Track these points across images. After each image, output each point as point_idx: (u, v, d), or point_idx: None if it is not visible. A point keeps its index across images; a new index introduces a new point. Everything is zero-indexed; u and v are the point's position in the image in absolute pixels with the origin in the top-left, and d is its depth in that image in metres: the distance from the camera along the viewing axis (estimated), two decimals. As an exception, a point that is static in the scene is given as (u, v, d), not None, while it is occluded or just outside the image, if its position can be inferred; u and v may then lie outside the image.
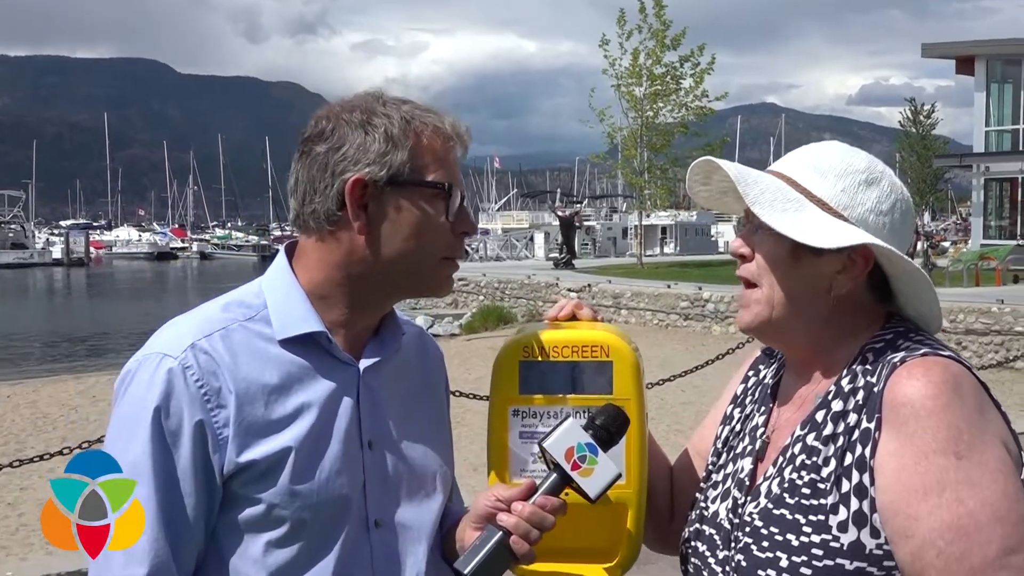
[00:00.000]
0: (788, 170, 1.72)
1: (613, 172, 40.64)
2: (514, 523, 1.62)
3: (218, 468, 1.63)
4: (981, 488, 1.44)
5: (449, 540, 1.85)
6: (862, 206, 1.67)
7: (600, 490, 1.64)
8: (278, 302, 1.73)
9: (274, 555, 1.65)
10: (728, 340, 17.56)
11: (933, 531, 1.44)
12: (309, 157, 1.71)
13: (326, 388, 1.71)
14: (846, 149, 1.74)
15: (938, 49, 38.97)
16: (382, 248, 1.70)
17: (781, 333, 1.72)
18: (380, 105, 1.72)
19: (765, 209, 1.65)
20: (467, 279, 27.80)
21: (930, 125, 57.71)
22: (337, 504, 1.69)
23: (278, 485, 1.64)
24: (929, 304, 1.69)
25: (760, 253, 1.69)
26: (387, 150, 1.67)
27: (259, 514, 1.64)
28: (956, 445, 1.46)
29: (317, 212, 1.70)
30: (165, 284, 58.40)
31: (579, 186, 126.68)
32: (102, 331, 29.15)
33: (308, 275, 1.75)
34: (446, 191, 1.71)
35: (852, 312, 1.69)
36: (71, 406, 13.62)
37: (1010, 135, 36.27)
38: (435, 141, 1.72)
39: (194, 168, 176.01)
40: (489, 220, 76.54)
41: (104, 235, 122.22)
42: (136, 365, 1.67)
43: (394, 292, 1.78)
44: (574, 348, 1.82)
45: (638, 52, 32.58)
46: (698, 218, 61.63)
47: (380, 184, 1.67)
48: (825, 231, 1.62)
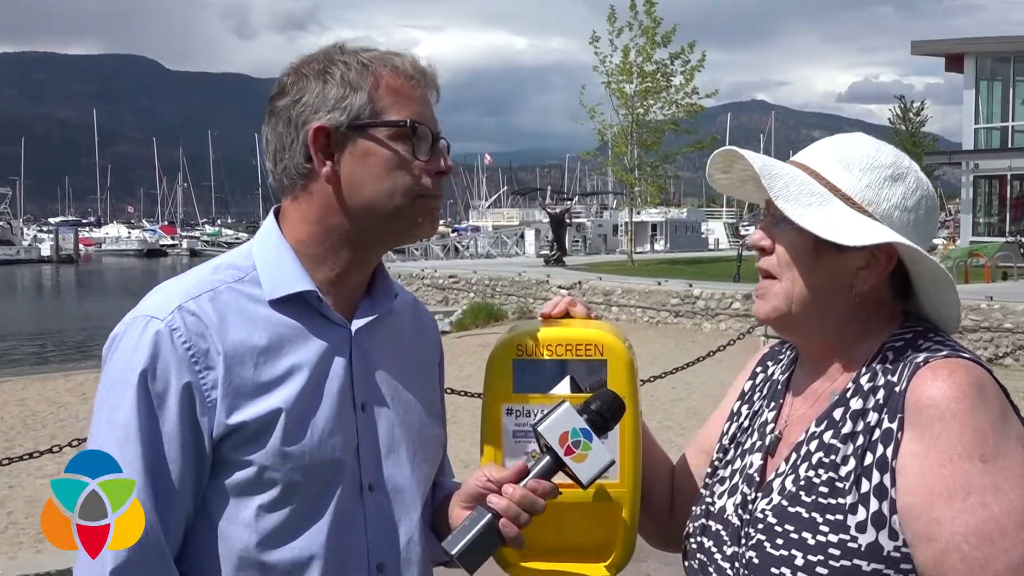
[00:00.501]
0: (813, 162, 1.69)
1: (603, 169, 40.70)
2: (504, 506, 1.61)
3: (207, 431, 1.62)
4: (1006, 493, 1.42)
5: (439, 515, 1.84)
6: (887, 202, 1.65)
7: (593, 476, 1.63)
8: (267, 263, 1.73)
9: (266, 519, 1.64)
10: (718, 337, 17.58)
11: (957, 535, 1.42)
12: (274, 115, 1.72)
13: (318, 349, 1.71)
14: (872, 142, 1.71)
15: (928, 47, 39.02)
16: (355, 194, 1.69)
17: (799, 327, 1.70)
18: (339, 53, 1.72)
19: (789, 203, 1.62)
20: (458, 276, 27.76)
21: (919, 122, 57.99)
22: (330, 466, 1.68)
23: (268, 447, 1.62)
24: (949, 305, 1.66)
25: (781, 246, 1.67)
26: (345, 94, 1.67)
27: (250, 477, 1.63)
28: (981, 449, 1.44)
29: (288, 168, 1.71)
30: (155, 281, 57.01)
31: (569, 183, 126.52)
32: (91, 328, 29.08)
33: (294, 235, 1.75)
34: (409, 128, 1.68)
35: (872, 309, 1.67)
36: (60, 404, 13.55)
37: (999, 132, 36.35)
38: (395, 80, 1.70)
39: (184, 165, 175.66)
40: (480, 217, 76.60)
41: (93, 232, 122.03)
42: (123, 329, 1.66)
43: (377, 239, 1.76)
44: (568, 346, 1.80)
45: (628, 49, 32.51)
46: (688, 215, 61.92)
47: (342, 129, 1.67)
48: (849, 227, 1.60)
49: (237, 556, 1.64)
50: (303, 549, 1.66)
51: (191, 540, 1.65)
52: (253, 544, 1.64)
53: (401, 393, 1.82)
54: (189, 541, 1.65)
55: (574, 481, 1.63)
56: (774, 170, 1.66)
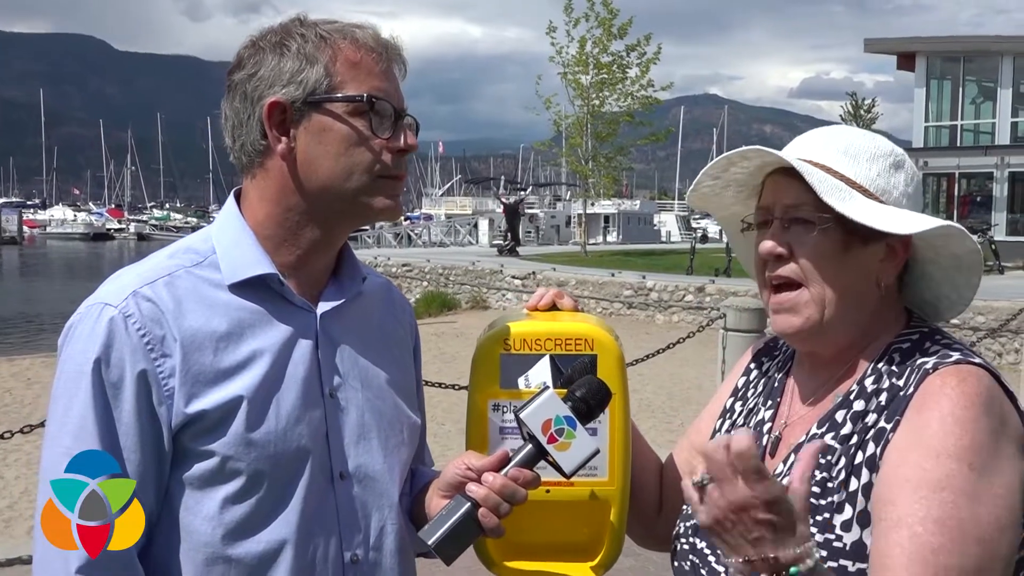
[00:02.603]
0: (817, 156, 1.65)
1: (557, 160, 40.67)
2: (484, 495, 1.55)
3: (166, 421, 1.57)
4: (982, 506, 1.39)
5: (418, 505, 1.79)
6: (896, 189, 1.64)
7: (576, 466, 1.57)
8: (227, 246, 1.67)
9: (231, 511, 1.59)
10: (671, 328, 17.69)
11: (914, 516, 1.39)
12: (231, 89, 1.66)
13: (281, 334, 1.65)
14: (864, 132, 1.72)
15: (880, 45, 39.52)
16: (311, 172, 1.63)
17: (827, 334, 1.63)
18: (297, 26, 1.65)
19: (835, 199, 1.55)
20: (411, 265, 27.65)
21: (870, 120, 58.82)
22: (297, 455, 1.63)
23: (230, 435, 1.57)
24: (968, 288, 1.65)
25: (803, 251, 1.60)
26: (301, 67, 1.61)
27: (213, 468, 1.58)
28: (973, 457, 1.41)
29: (245, 145, 1.66)
30: (101, 265, 57.43)
31: (523, 173, 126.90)
32: (36, 312, 28.58)
33: (253, 216, 1.69)
34: (367, 103, 1.62)
35: (887, 306, 1.64)
36: (5, 389, 13.27)
37: (948, 131, 36.97)
38: (353, 54, 1.64)
39: (132, 147, 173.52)
40: (433, 206, 76.52)
41: (38, 214, 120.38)
42: (78, 318, 1.61)
43: (336, 221, 1.69)
44: (557, 341, 1.74)
45: (585, 40, 32.61)
46: (641, 207, 62.14)
47: (297, 105, 1.61)
48: (891, 217, 1.57)
49: (203, 550, 1.59)
50: (271, 541, 1.61)
51: (155, 535, 1.60)
52: (219, 537, 1.59)
53: (372, 378, 1.76)
54: (153, 536, 1.60)
55: (557, 470, 1.57)
56: (806, 167, 1.59)
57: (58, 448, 1.55)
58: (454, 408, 8.59)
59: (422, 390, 1.96)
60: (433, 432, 7.05)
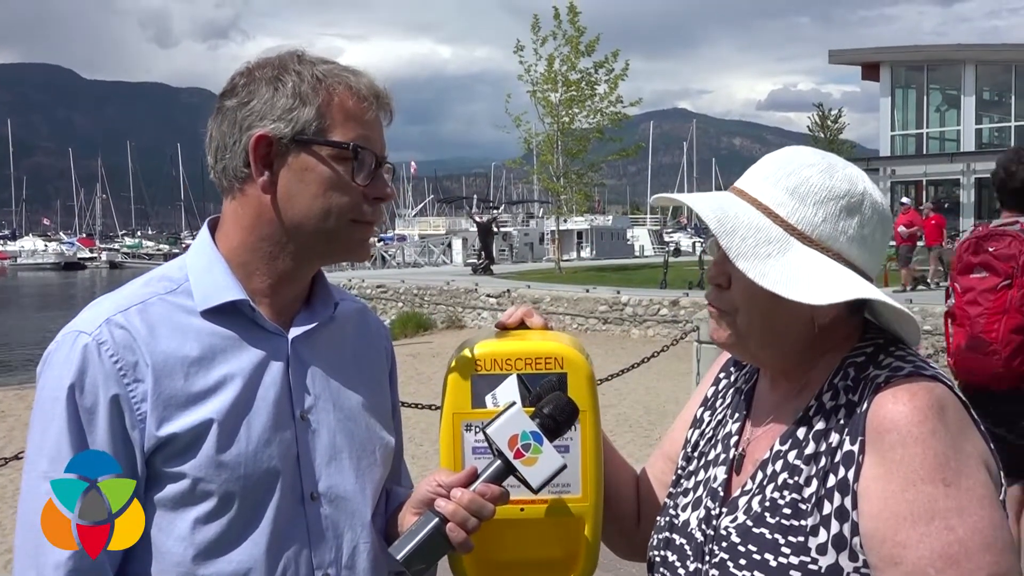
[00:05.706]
0: (764, 195, 1.60)
1: (529, 178, 40.84)
2: (452, 510, 1.58)
3: (138, 445, 1.60)
4: (970, 515, 1.41)
5: (392, 524, 1.81)
6: (844, 235, 1.58)
7: (543, 481, 1.59)
8: (199, 273, 1.71)
9: (202, 531, 1.62)
10: (647, 343, 17.73)
11: (923, 559, 1.40)
12: (221, 113, 1.69)
13: (252, 358, 1.68)
14: (824, 167, 1.61)
15: (845, 56, 39.97)
16: (288, 208, 1.67)
17: (759, 355, 1.66)
18: (295, 62, 1.69)
19: (749, 261, 1.54)
20: (386, 286, 27.63)
21: (837, 130, 59.28)
22: (267, 476, 1.65)
23: (200, 457, 1.60)
24: (909, 334, 1.61)
25: (737, 286, 1.61)
26: (294, 106, 1.65)
27: (184, 489, 1.61)
28: (943, 472, 1.42)
29: (227, 169, 1.69)
30: (74, 294, 56.93)
31: (495, 191, 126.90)
32: (5, 344, 28.33)
33: (227, 243, 1.73)
34: (351, 152, 1.66)
35: (832, 328, 1.61)
36: (-26, 422, 13.12)
37: (914, 139, 37.40)
38: (347, 100, 1.68)
39: (102, 176, 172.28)
40: (406, 226, 76.30)
41: (8, 245, 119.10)
42: (55, 346, 1.65)
43: (307, 256, 1.73)
44: (528, 360, 1.75)
45: (553, 58, 32.78)
46: (614, 222, 62.31)
47: (284, 141, 1.65)
48: (813, 281, 1.53)
49: (174, 570, 1.62)
50: (242, 562, 1.64)
51: (129, 555, 1.62)
52: (190, 558, 1.61)
53: (344, 400, 1.78)
54: (127, 556, 1.62)
55: (524, 486, 1.59)
56: (728, 224, 1.57)
57: (35, 472, 1.59)
58: (431, 428, 8.57)
59: (399, 412, 1.98)
60: (411, 452, 7.04)
